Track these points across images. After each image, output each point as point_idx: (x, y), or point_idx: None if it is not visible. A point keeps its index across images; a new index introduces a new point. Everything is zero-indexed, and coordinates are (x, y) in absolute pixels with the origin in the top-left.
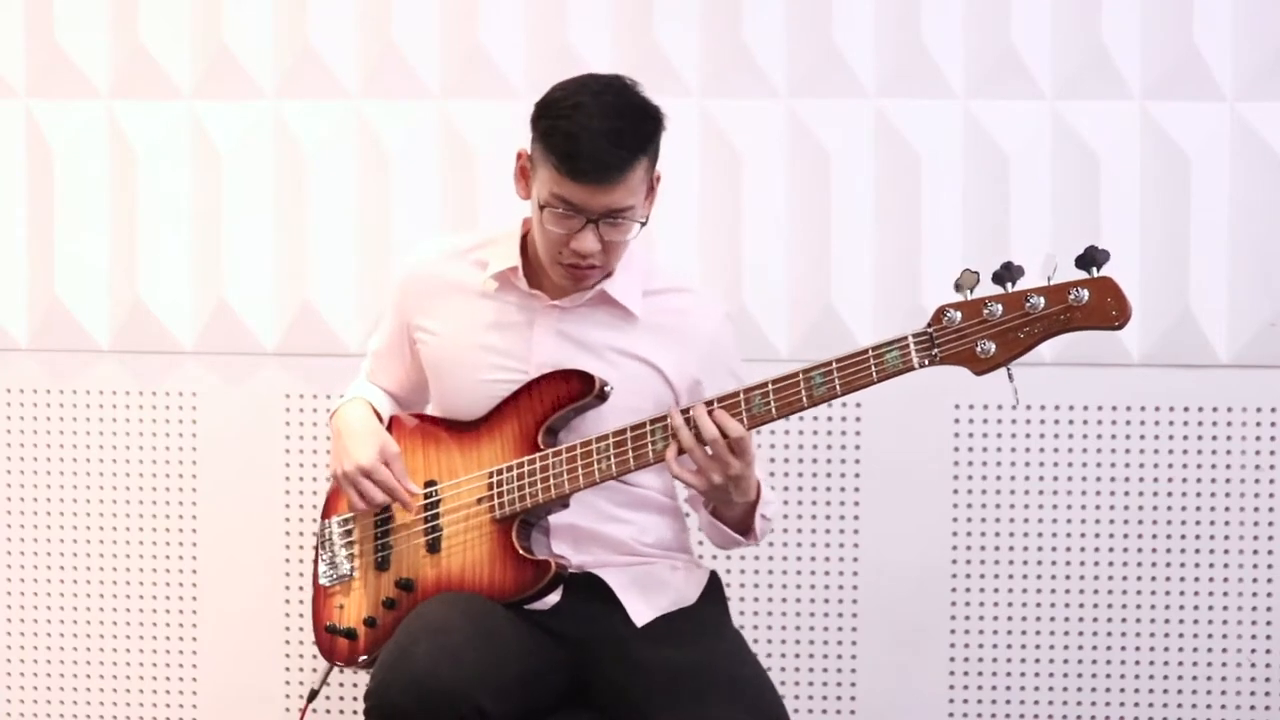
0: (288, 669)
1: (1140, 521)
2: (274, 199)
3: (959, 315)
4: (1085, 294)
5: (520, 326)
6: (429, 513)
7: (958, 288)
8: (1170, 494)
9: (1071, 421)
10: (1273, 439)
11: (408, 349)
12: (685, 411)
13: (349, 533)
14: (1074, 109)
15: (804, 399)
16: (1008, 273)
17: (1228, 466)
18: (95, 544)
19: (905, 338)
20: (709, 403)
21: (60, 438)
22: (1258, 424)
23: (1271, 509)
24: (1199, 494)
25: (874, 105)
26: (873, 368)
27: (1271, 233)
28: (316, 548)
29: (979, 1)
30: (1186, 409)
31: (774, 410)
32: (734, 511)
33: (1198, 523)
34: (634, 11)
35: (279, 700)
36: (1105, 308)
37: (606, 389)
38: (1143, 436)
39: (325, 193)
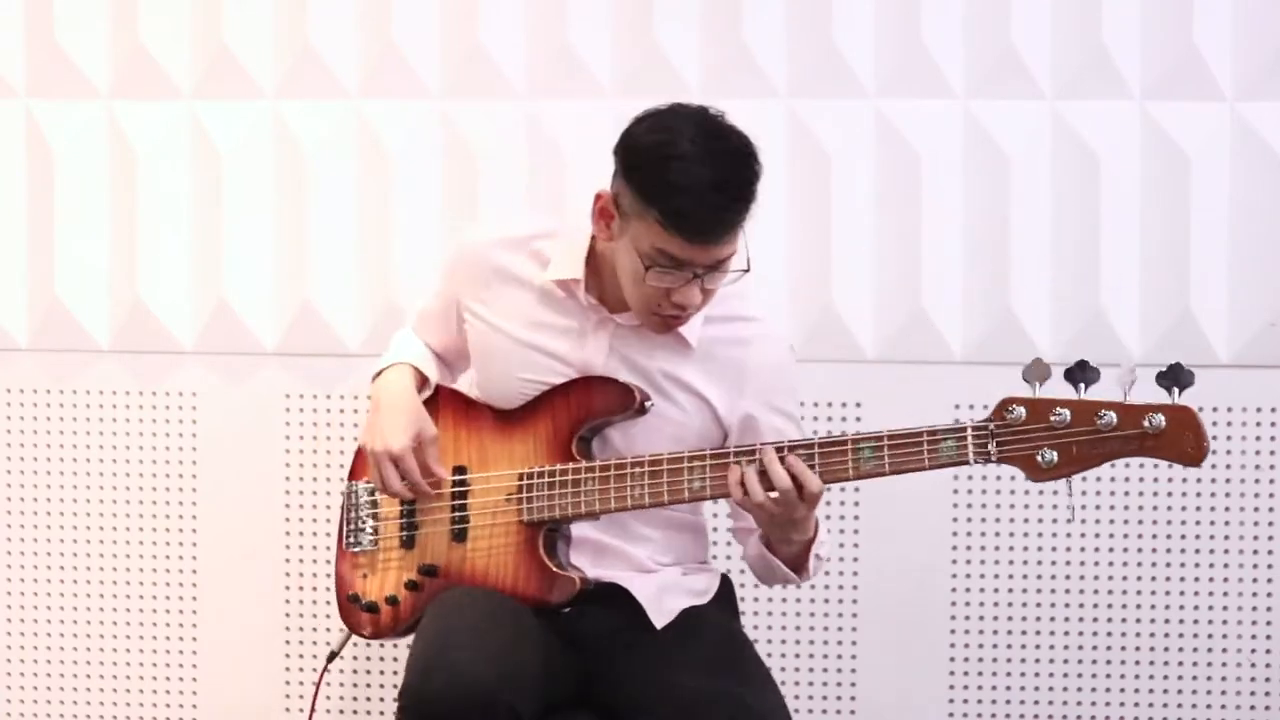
0: (288, 669)
1: (1140, 521)
2: (274, 199)
3: (1024, 412)
4: (1162, 421)
5: (574, 334)
6: (456, 500)
7: (1026, 379)
8: (1170, 494)
9: None
10: (1273, 439)
11: (454, 322)
12: (751, 456)
13: (374, 503)
14: (1074, 109)
15: (850, 472)
16: (1081, 373)
17: (1228, 466)
18: (95, 544)
19: (964, 429)
20: (778, 449)
21: (60, 438)
22: (1258, 424)
23: (1271, 509)
24: (1199, 494)
25: (874, 105)
26: (925, 453)
27: (1271, 233)
28: (343, 510)
29: (979, 1)
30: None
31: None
32: (790, 549)
33: (1198, 523)
34: (634, 11)
35: (279, 700)
36: (1182, 441)
37: (647, 405)
38: None
39: (325, 193)
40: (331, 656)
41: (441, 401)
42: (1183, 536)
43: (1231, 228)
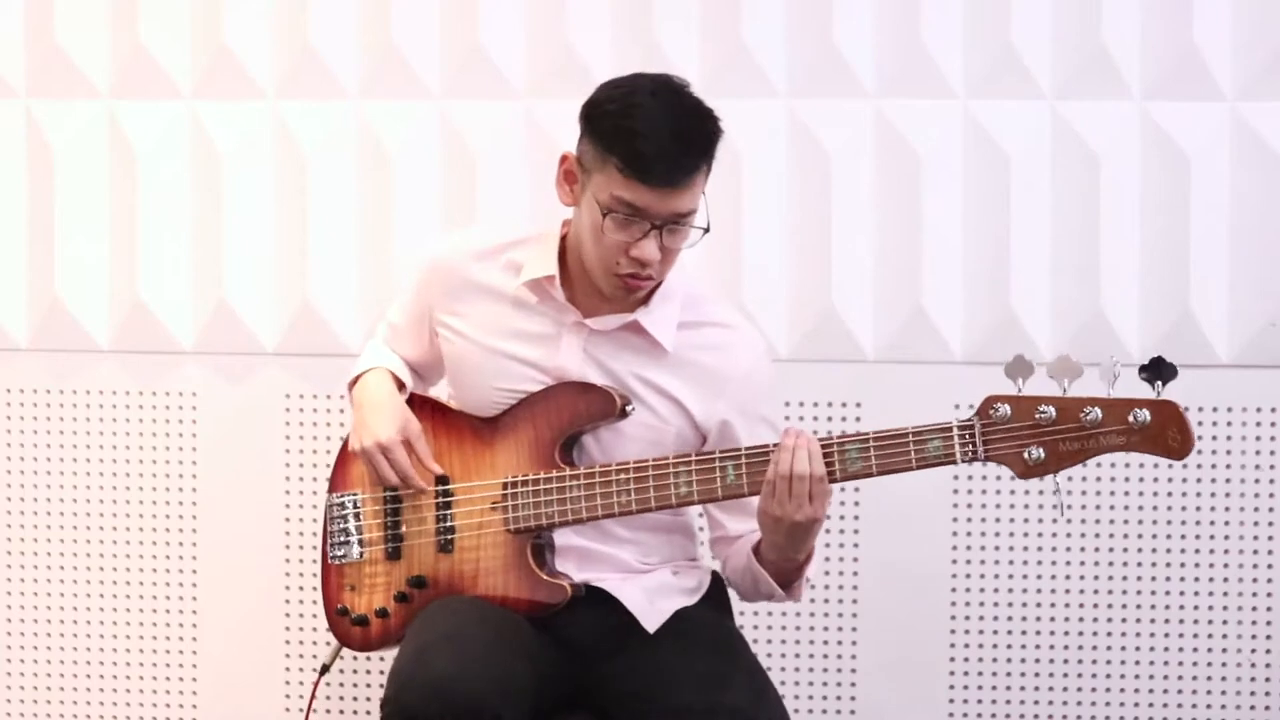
0: (288, 669)
1: (1140, 521)
2: (274, 199)
3: (1009, 410)
4: (1147, 416)
5: (547, 340)
6: (441, 511)
7: (1009, 375)
8: (1170, 494)
9: None
10: (1273, 439)
11: (426, 334)
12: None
13: (358, 514)
14: (1074, 109)
15: (837, 473)
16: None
17: (1228, 466)
18: (95, 544)
19: (950, 427)
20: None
21: (60, 438)
22: (1258, 424)
23: (1271, 509)
24: (1199, 494)
25: (874, 105)
26: (912, 453)
27: (1271, 233)
28: (325, 523)
29: (979, 1)
30: (1186, 409)
31: None
32: (780, 561)
33: (1198, 523)
34: (634, 11)
35: (279, 700)
36: (1166, 437)
37: (628, 409)
38: None
39: (325, 193)
40: (324, 670)
41: (418, 409)
42: (1183, 536)
43: (1231, 228)
